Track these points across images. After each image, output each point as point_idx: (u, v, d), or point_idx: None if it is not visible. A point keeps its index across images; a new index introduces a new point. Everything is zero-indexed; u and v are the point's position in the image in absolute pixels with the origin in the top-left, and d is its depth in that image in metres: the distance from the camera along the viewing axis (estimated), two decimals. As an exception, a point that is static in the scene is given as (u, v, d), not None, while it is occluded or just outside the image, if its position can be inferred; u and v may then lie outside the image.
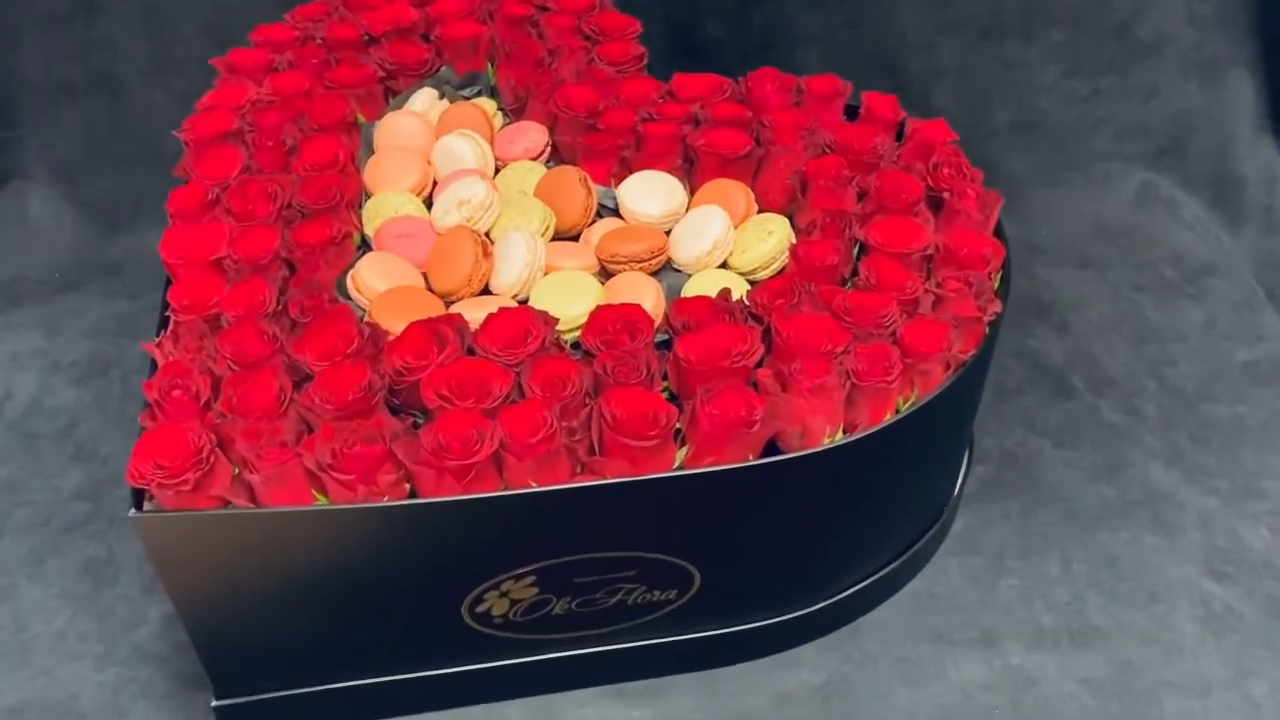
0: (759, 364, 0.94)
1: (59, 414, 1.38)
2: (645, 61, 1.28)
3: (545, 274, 1.05)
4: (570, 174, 1.12)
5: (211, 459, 0.86)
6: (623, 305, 0.97)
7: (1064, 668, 1.08)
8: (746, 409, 0.89)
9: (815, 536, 1.01)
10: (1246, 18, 1.60)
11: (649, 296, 1.01)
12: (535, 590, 0.96)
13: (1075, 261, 1.58)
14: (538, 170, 1.16)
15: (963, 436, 1.16)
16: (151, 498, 0.87)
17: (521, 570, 0.94)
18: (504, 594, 0.96)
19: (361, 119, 1.23)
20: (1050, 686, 1.06)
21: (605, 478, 0.88)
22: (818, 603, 1.08)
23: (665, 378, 0.95)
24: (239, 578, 0.91)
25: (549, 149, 1.20)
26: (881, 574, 1.11)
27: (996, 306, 0.99)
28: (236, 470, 0.88)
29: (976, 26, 1.60)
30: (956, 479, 1.21)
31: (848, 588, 1.09)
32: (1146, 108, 1.65)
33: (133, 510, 0.85)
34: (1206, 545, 1.19)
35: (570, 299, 1.01)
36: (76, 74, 1.60)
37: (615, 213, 1.14)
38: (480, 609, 0.97)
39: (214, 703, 1.00)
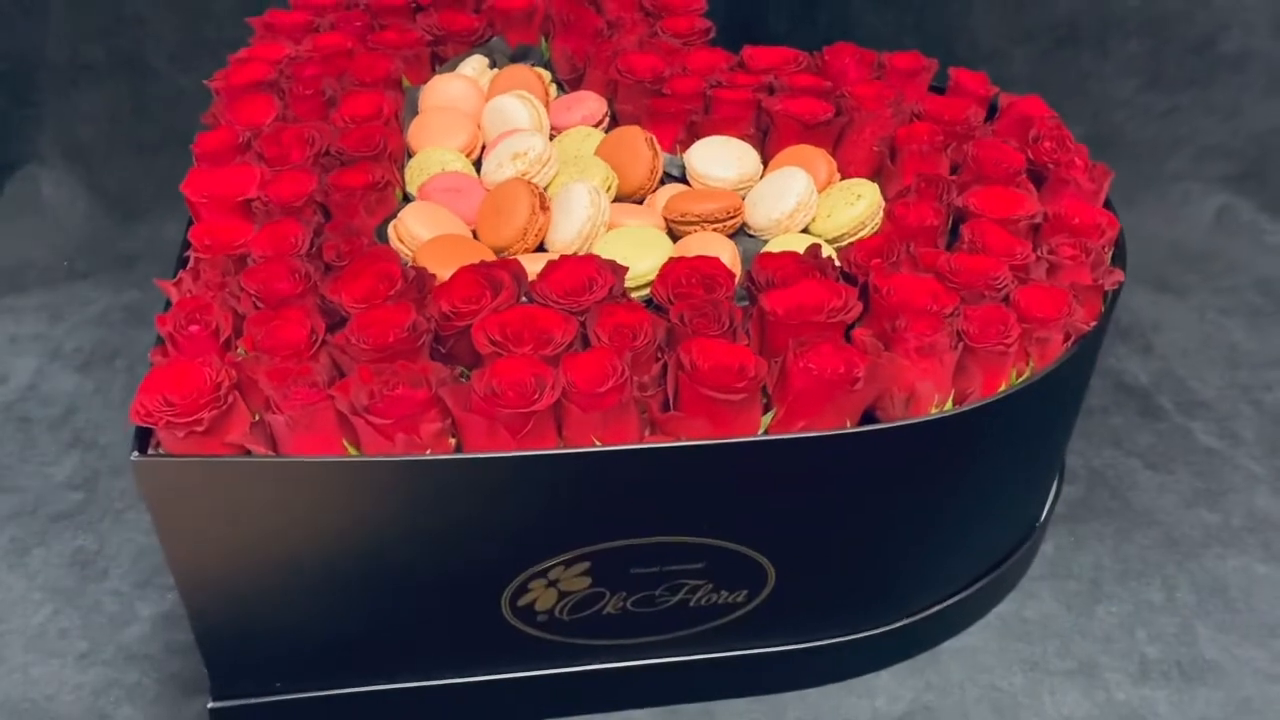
0: (853, 325, 0.83)
1: (56, 399, 1.27)
2: (712, 35, 1.19)
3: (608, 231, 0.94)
4: (635, 134, 1.02)
5: (230, 399, 0.74)
6: (698, 257, 0.87)
7: (1177, 705, 0.96)
8: (846, 365, 0.77)
9: (908, 527, 0.89)
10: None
11: (724, 255, 0.91)
12: (588, 582, 0.84)
13: (1153, 285, 1.48)
14: (596, 135, 1.06)
15: (1069, 428, 1.04)
16: (158, 444, 0.75)
17: (574, 554, 0.82)
18: (552, 583, 0.84)
19: (406, 83, 1.14)
20: (1163, 725, 0.94)
21: (680, 438, 0.76)
22: (896, 620, 0.96)
23: (747, 334, 0.84)
24: (251, 541, 0.78)
25: (608, 119, 1.11)
26: (966, 594, 0.99)
27: (1118, 275, 0.89)
28: (257, 417, 0.76)
29: (1051, 36, 1.53)
30: (1050, 489, 1.08)
31: (929, 606, 0.97)
32: (1228, 126, 1.56)
33: (134, 454, 0.73)
34: (1328, 577, 1.07)
35: (638, 254, 0.90)
36: (100, 53, 1.53)
37: (681, 181, 1.04)
38: (523, 601, 0.85)
39: (210, 704, 0.88)
